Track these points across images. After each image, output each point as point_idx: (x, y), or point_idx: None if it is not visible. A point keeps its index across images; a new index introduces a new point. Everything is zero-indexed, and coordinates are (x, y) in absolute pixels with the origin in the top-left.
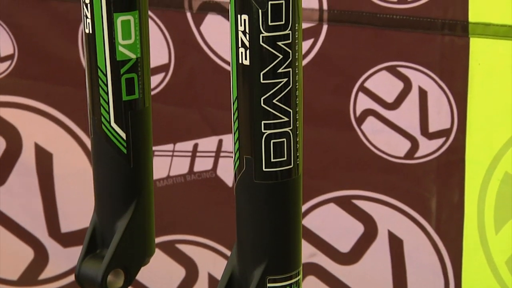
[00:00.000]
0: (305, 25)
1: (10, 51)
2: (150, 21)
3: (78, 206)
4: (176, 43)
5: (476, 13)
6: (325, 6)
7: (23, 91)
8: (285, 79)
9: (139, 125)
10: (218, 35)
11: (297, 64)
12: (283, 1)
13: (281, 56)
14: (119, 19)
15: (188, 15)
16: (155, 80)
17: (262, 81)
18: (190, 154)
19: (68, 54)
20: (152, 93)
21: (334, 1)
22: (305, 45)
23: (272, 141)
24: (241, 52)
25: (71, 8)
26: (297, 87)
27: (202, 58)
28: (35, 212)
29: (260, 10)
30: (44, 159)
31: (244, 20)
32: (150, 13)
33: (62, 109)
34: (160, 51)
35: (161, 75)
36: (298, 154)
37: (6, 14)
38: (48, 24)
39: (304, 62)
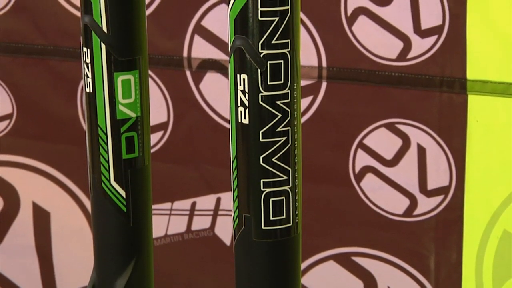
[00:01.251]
0: (304, 82)
1: (9, 110)
2: (149, 79)
3: (75, 266)
4: (175, 101)
5: (474, 71)
6: (324, 64)
7: (21, 150)
8: (284, 138)
9: (139, 183)
10: (217, 93)
11: (295, 123)
12: (282, 61)
13: (280, 115)
14: (120, 79)
15: (188, 73)
16: (153, 138)
17: (261, 139)
18: (188, 212)
19: (67, 112)
20: (151, 151)
21: (333, 58)
22: (305, 102)
23: (271, 199)
24: (241, 111)
25: (70, 67)
26: (296, 145)
27: (201, 116)
28: (32, 272)
29: (259, 70)
30: (41, 218)
31: (244, 79)
32: (149, 71)
33: (60, 168)
34: (159, 109)
35: (160, 133)
36: (297, 212)
37: (5, 73)
38: (47, 83)
39: (304, 118)
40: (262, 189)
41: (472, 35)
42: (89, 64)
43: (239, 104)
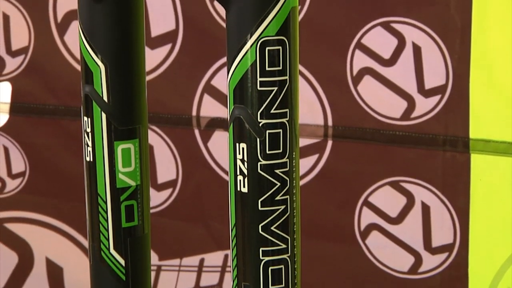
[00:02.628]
0: (310, 141)
1: (22, 168)
2: (158, 138)
3: None
4: (184, 159)
5: (476, 130)
6: (330, 123)
7: (34, 206)
8: (283, 206)
9: (138, 251)
10: (225, 151)
11: (294, 191)
12: (281, 130)
13: (279, 184)
14: (120, 147)
15: (196, 132)
16: (163, 195)
17: (260, 208)
18: (196, 269)
19: (78, 170)
20: (159, 208)
21: (339, 117)
22: (310, 160)
23: (270, 268)
24: (240, 180)
25: (81, 127)
26: (294, 214)
27: (209, 174)
28: None
29: (258, 139)
30: (55, 273)
31: (243, 148)
32: (158, 130)
33: (72, 224)
34: (168, 167)
35: (169, 190)
36: (296, 281)
37: (18, 133)
38: (59, 142)
39: (309, 177)
40: (261, 257)
41: (475, 95)
42: (90, 133)
43: (238, 173)
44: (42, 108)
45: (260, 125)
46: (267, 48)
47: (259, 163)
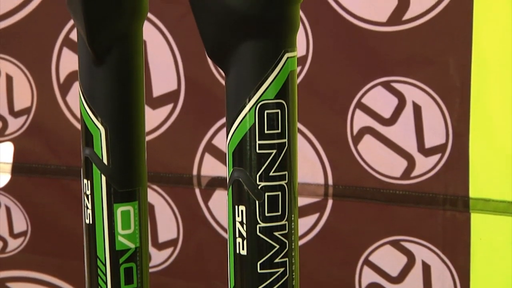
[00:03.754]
0: (310, 200)
1: (24, 227)
2: (159, 197)
3: None
4: (185, 219)
5: (476, 189)
6: (330, 182)
7: (36, 266)
8: (282, 269)
9: None
10: (226, 210)
11: (293, 253)
12: (279, 192)
13: (277, 246)
14: (119, 210)
15: (197, 191)
16: (164, 254)
17: (259, 271)
18: None
19: (80, 229)
20: (161, 267)
21: (339, 176)
22: (311, 219)
23: None
24: (238, 242)
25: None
26: (293, 276)
27: (210, 233)
28: None
29: (257, 201)
30: None
31: (242, 211)
32: (159, 189)
33: (74, 283)
34: (169, 226)
35: (170, 249)
36: None
37: (20, 192)
38: (61, 202)
39: (310, 236)
40: None
41: (474, 154)
42: (89, 196)
43: (237, 235)
44: (44, 168)
45: (259, 187)
46: (266, 111)
47: (258, 226)
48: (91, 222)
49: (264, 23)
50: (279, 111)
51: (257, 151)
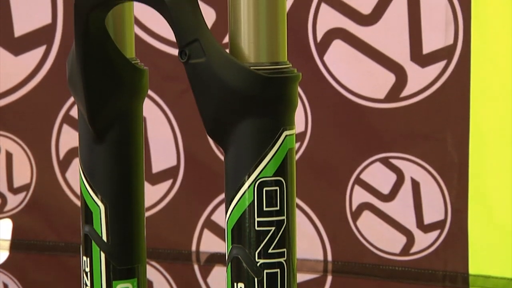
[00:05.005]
0: (309, 276)
1: None
2: (158, 273)
3: None
4: None
5: (476, 266)
6: (329, 258)
7: None
8: None
9: None
10: (225, 287)
11: None
12: (278, 270)
13: None
14: (118, 287)
15: (196, 267)
16: None
17: None
18: None
19: None
20: None
21: (338, 252)
22: None
23: None
24: None
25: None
26: None
27: None
28: None
29: (256, 279)
30: None
31: (241, 287)
32: (158, 266)
33: None
34: None
35: None
36: None
37: (18, 269)
38: (59, 278)
39: None
40: None
41: (473, 230)
42: (88, 273)
43: None
44: (42, 245)
45: (258, 265)
46: (264, 189)
47: None
48: None
49: (263, 101)
50: (277, 188)
51: (256, 228)
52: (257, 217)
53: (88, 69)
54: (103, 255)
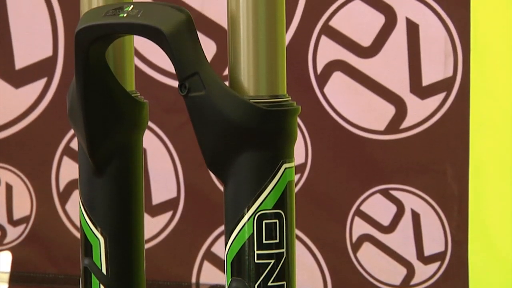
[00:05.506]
0: None
1: None
2: None
3: None
4: None
5: None
6: None
7: None
8: None
9: None
10: None
11: None
12: None
13: None
14: None
15: None
16: None
17: None
18: None
19: None
20: None
21: (338, 284)
22: None
23: None
24: None
25: None
26: None
27: None
28: None
29: None
30: None
31: None
32: None
33: None
34: None
35: None
36: None
37: None
38: None
39: None
40: None
41: (474, 262)
42: None
43: None
44: (42, 277)
45: None
46: (264, 222)
47: None
48: None
49: (262, 134)
50: (277, 221)
51: (256, 261)
52: (257, 249)
53: (88, 102)
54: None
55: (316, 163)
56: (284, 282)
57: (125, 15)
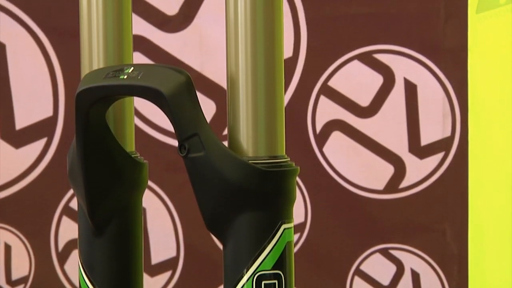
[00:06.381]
0: None
1: None
2: None
3: None
4: None
5: None
6: None
7: None
8: None
9: None
10: None
11: None
12: None
13: None
14: None
15: None
16: None
17: None
18: None
19: None
20: None
21: None
22: None
23: None
24: None
25: None
26: None
27: None
28: None
29: None
30: None
31: None
32: None
33: None
34: None
35: None
36: None
37: None
38: None
39: None
40: None
41: None
42: None
43: None
44: None
45: None
46: (263, 282)
47: None
48: None
49: (261, 195)
50: (276, 281)
51: None
52: None
53: (89, 163)
54: None
55: (316, 222)
56: None
57: (125, 77)
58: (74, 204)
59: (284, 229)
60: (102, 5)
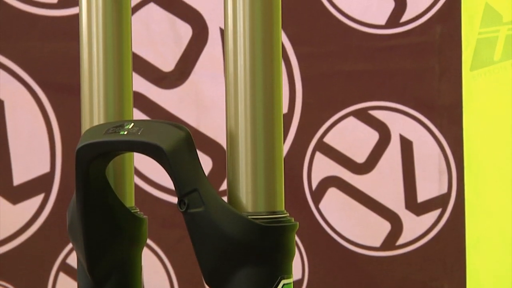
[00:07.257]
0: None
1: None
2: None
3: None
4: None
5: None
6: None
7: None
8: None
9: None
10: None
11: None
12: None
13: None
14: None
15: None
16: None
17: None
18: None
19: None
20: None
21: None
22: None
23: None
24: None
25: None
26: None
27: None
28: None
29: None
30: None
31: None
32: None
33: None
34: None
35: None
36: None
37: None
38: None
39: None
40: None
41: None
42: None
43: None
44: None
45: None
46: None
47: None
48: None
49: (260, 251)
50: None
51: None
52: None
53: (89, 218)
54: None
55: (313, 279)
56: None
57: (125, 132)
58: (70, 261)
59: (284, 284)
60: (103, 61)
